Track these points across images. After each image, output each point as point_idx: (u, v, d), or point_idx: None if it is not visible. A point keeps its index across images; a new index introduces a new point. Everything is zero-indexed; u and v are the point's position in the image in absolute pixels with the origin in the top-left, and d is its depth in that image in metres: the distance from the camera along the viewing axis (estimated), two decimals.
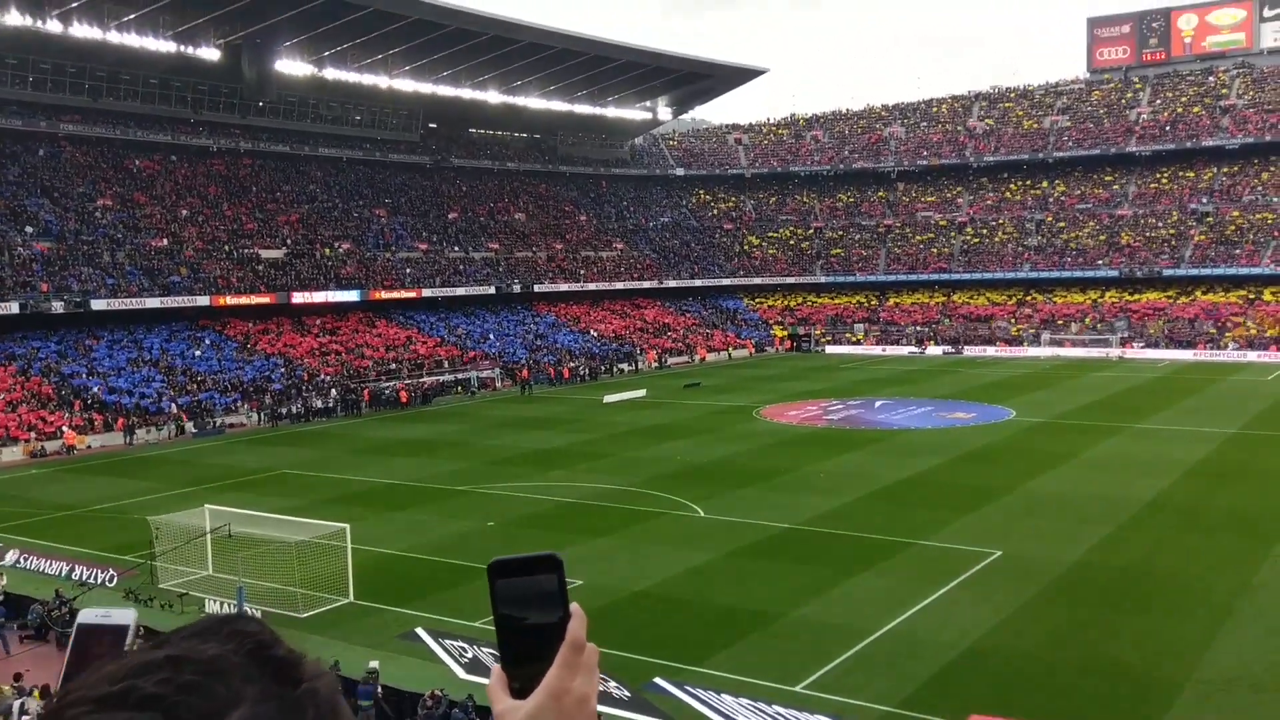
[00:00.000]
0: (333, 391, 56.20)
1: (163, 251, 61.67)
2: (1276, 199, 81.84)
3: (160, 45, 63.33)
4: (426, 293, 71.17)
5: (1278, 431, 41.88)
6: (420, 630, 21.49)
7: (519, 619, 1.36)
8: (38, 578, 26.04)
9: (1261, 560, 24.77)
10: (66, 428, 46.37)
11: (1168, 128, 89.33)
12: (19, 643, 22.32)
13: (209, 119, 72.53)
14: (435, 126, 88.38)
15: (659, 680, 18.62)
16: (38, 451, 44.70)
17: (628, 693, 17.84)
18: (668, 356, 75.72)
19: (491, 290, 75.18)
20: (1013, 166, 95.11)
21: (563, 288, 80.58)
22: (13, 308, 51.34)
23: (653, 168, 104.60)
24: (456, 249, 78.42)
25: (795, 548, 26.99)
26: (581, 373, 67.54)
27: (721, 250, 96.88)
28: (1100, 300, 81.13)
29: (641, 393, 57.90)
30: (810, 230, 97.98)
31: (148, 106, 69.38)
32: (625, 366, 71.89)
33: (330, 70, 72.96)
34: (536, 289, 78.57)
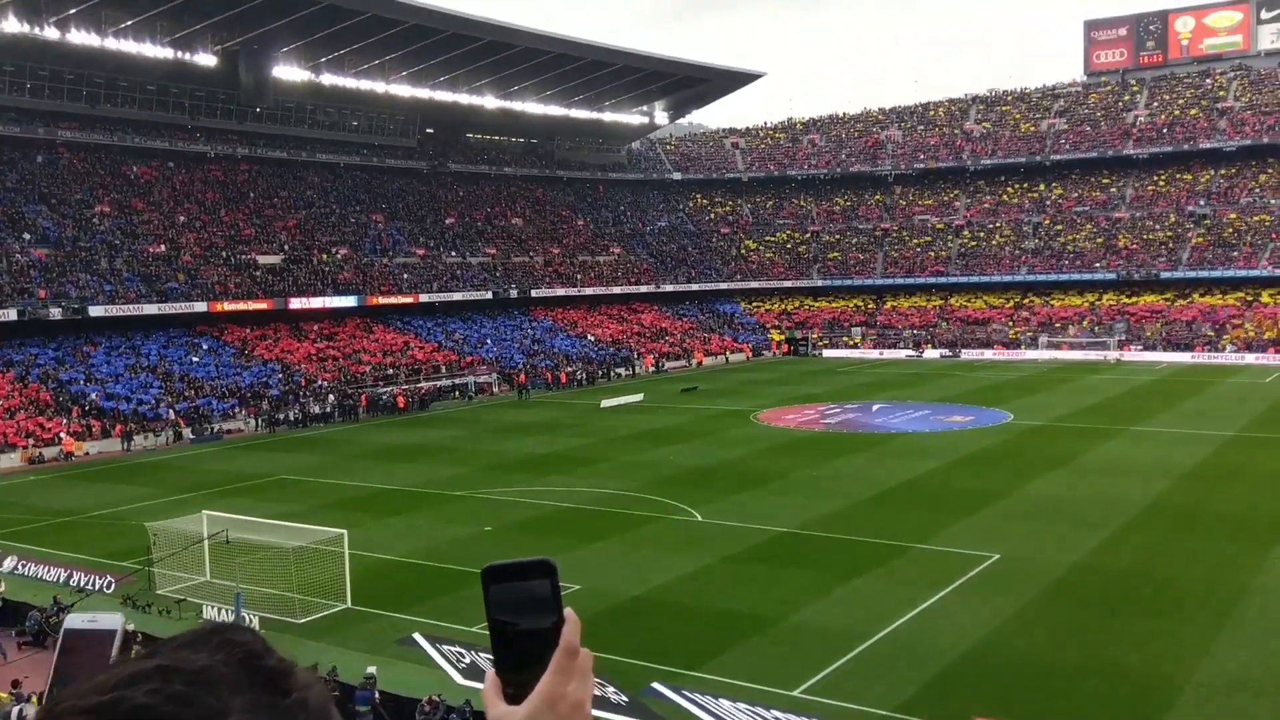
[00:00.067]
0: (330, 397, 56.14)
1: (160, 258, 61.64)
2: (1274, 201, 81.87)
3: (157, 51, 63.30)
4: (424, 298, 71.13)
5: (1276, 434, 41.88)
6: (417, 635, 21.48)
7: (513, 624, 1.36)
8: (36, 584, 26.00)
9: (1260, 562, 24.77)
10: (64, 434, 46.35)
11: (1165, 130, 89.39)
12: (17, 649, 22.33)
13: (206, 125, 72.66)
14: (432, 132, 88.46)
15: (657, 685, 18.60)
16: (35, 458, 44.69)
17: (625, 698, 17.83)
18: (665, 361, 75.66)
19: (488, 295, 75.11)
20: (1010, 169, 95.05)
21: (560, 292, 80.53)
22: (11, 314, 51.31)
23: (649, 172, 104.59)
24: (453, 254, 78.41)
25: (793, 552, 26.97)
26: (579, 377, 67.50)
27: (718, 254, 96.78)
28: (1098, 303, 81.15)
29: (639, 397, 57.90)
30: (807, 234, 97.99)
31: (145, 113, 69.42)
32: (622, 371, 71.88)
33: (327, 76, 72.99)
34: (533, 294, 78.51)
